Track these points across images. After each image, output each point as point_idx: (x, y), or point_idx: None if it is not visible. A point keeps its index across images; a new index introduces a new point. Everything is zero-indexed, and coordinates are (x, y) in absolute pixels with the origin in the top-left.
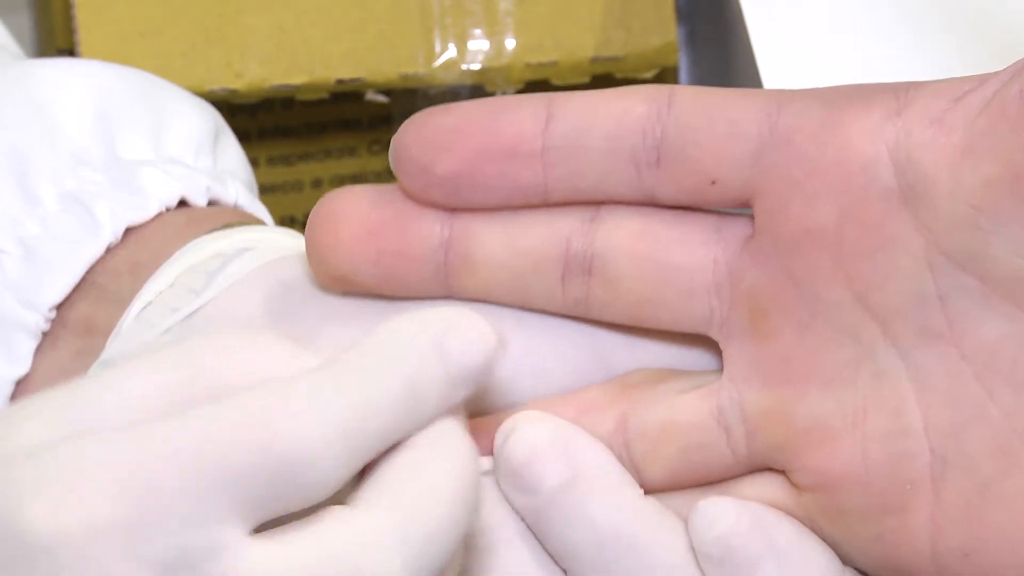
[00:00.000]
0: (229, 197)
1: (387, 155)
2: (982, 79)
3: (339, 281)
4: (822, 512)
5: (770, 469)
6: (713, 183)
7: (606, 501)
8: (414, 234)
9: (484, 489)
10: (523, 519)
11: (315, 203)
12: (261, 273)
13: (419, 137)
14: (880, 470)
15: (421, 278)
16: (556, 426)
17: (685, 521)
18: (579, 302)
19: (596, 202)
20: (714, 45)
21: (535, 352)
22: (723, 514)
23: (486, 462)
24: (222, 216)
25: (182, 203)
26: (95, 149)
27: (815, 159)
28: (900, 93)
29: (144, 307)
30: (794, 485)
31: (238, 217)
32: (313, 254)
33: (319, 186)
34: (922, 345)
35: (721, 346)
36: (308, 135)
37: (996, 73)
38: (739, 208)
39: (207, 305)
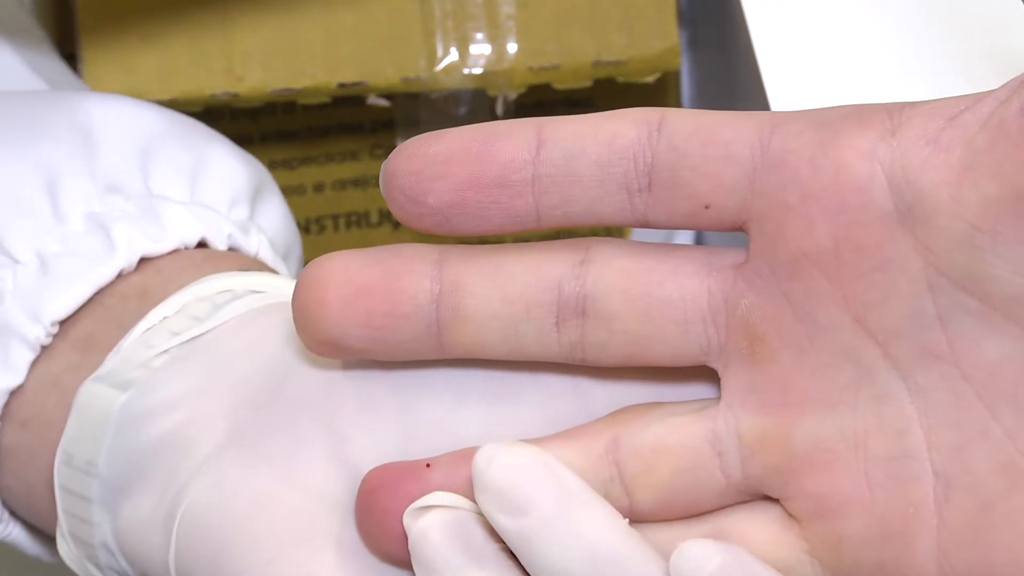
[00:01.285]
0: (250, 247)
1: None
2: (977, 97)
3: (329, 346)
4: (822, 542)
5: (765, 498)
6: (707, 207)
7: (601, 524)
8: (404, 292)
9: (463, 524)
10: (508, 543)
11: (317, 206)
12: (265, 312)
13: (409, 167)
14: (883, 493)
15: (413, 335)
16: (536, 451)
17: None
18: (574, 346)
19: (588, 226)
20: (716, 49)
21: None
22: (708, 558)
23: (445, 497)
24: (239, 261)
25: (202, 244)
26: (130, 181)
27: (810, 182)
28: (894, 113)
29: (147, 329)
30: (791, 515)
31: (255, 266)
32: (301, 320)
33: (321, 190)
34: (922, 366)
35: (719, 374)
36: (310, 139)
37: (991, 91)
38: (733, 231)
39: (206, 334)
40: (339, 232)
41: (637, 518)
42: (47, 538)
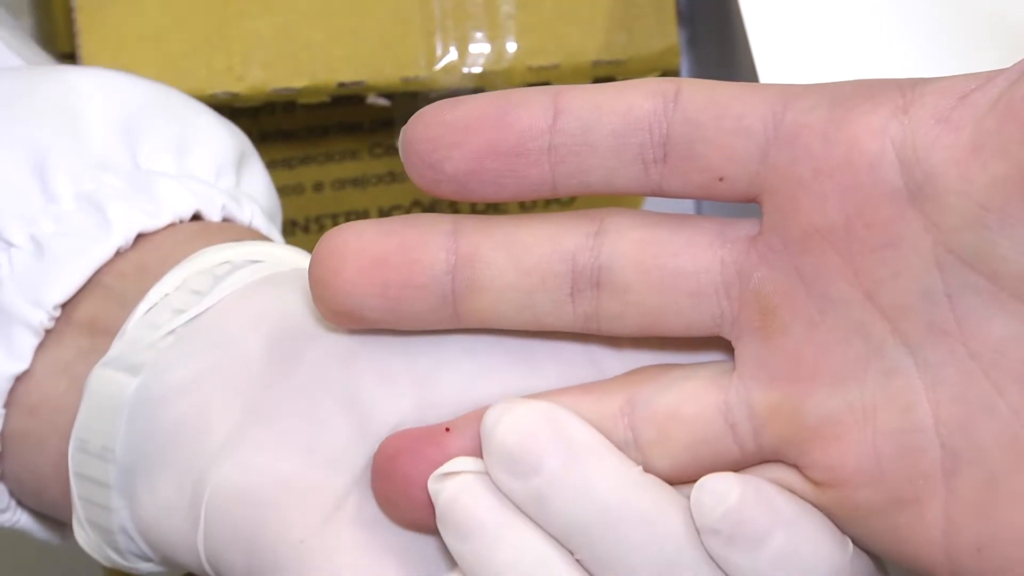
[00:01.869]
0: (244, 217)
1: (388, 158)
2: (988, 76)
3: (345, 316)
4: (835, 506)
5: (780, 462)
6: (721, 179)
7: (611, 475)
8: (419, 263)
9: (470, 486)
10: (518, 505)
11: (316, 206)
12: (267, 283)
13: (427, 134)
14: (892, 465)
15: (429, 307)
16: (545, 406)
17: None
18: (590, 317)
19: (604, 194)
20: (715, 48)
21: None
22: (729, 489)
23: (469, 462)
24: (234, 232)
25: (196, 217)
26: (118, 156)
27: (822, 158)
28: (906, 90)
29: (149, 308)
30: (807, 479)
31: (250, 236)
32: (318, 290)
33: (320, 189)
34: (931, 342)
35: (733, 344)
36: (309, 138)
37: (1002, 71)
38: (747, 203)
39: (210, 310)
40: None
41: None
42: (55, 524)
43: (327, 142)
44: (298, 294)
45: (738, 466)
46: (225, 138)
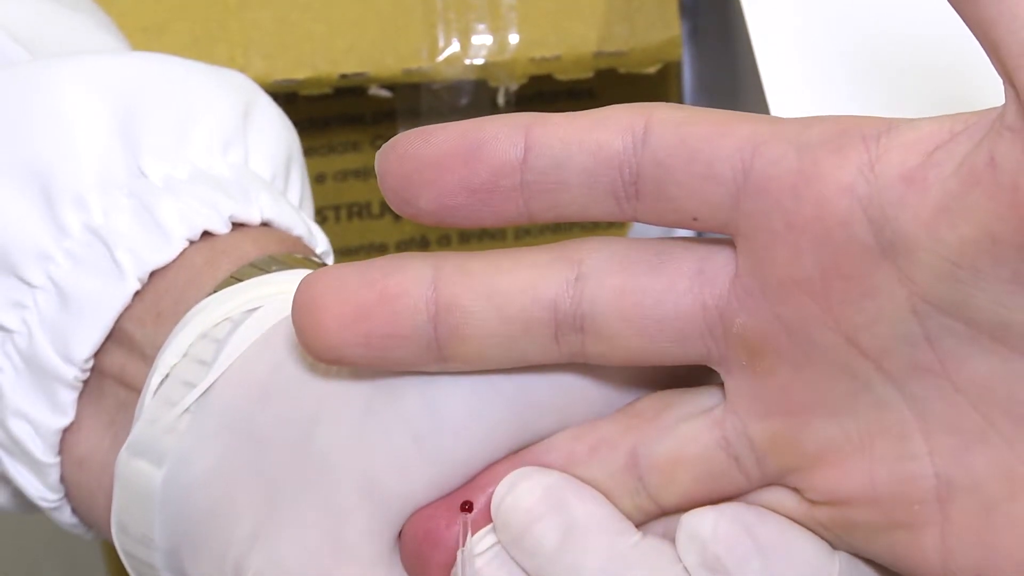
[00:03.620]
0: (252, 217)
1: None
2: (951, 130)
3: (331, 361)
4: (835, 524)
5: (782, 485)
6: (694, 219)
7: (599, 555)
8: (400, 314)
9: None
10: None
11: (319, 197)
12: (265, 345)
13: (400, 169)
14: (888, 490)
15: (414, 354)
16: (549, 482)
17: None
18: (576, 355)
19: (581, 220)
20: (717, 40)
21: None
22: (702, 524)
23: (490, 536)
24: (241, 251)
25: (206, 232)
26: (118, 164)
27: (793, 213)
28: (871, 143)
29: (161, 381)
30: (804, 499)
31: (259, 246)
32: (302, 339)
33: (323, 181)
34: (916, 379)
35: (722, 377)
36: (311, 130)
37: (965, 125)
38: (724, 235)
39: (217, 383)
40: (340, 223)
41: (665, 514)
42: None
43: (329, 133)
44: (296, 357)
45: (746, 490)
46: (224, 103)
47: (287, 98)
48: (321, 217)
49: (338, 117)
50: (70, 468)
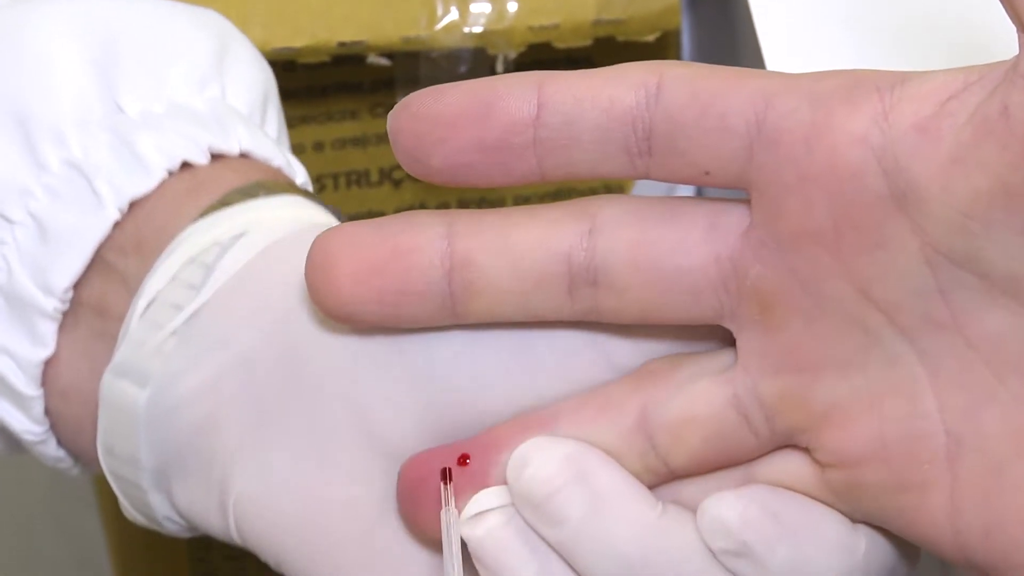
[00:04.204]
0: (232, 147)
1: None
2: (966, 79)
3: (343, 319)
4: (844, 487)
5: (792, 446)
6: (707, 173)
7: (633, 524)
8: (415, 270)
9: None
10: (550, 546)
11: (316, 165)
12: (257, 268)
13: (413, 128)
14: (897, 449)
15: (427, 310)
16: (567, 452)
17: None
18: (589, 311)
19: (592, 179)
20: (716, 7)
21: (526, 345)
22: (728, 510)
23: (494, 496)
24: (223, 179)
25: (186, 163)
26: (95, 101)
27: (806, 164)
28: (884, 92)
29: (148, 305)
30: (816, 462)
31: (240, 175)
32: (315, 296)
33: (320, 149)
34: (928, 334)
35: (734, 334)
36: (309, 98)
37: (979, 76)
38: (737, 190)
39: (207, 305)
40: (339, 191)
41: (675, 477)
42: None
43: (327, 102)
44: (289, 281)
45: (756, 452)
46: (203, 41)
47: (285, 66)
48: (319, 185)
49: (336, 85)
50: (54, 400)
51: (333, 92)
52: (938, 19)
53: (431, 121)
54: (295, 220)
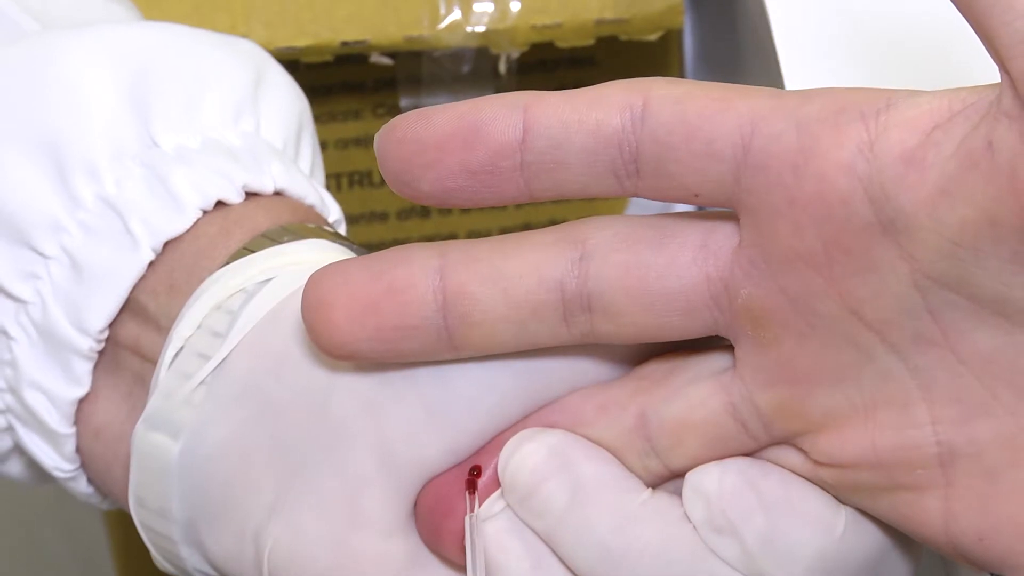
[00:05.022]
0: (266, 186)
1: (391, 118)
2: (951, 109)
3: (343, 356)
4: (839, 484)
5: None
6: (696, 195)
7: (613, 514)
8: (409, 306)
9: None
10: (541, 538)
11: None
12: (279, 317)
13: (400, 152)
14: (890, 456)
15: (425, 344)
16: (553, 442)
17: None
18: (586, 335)
19: (582, 198)
20: (718, 7)
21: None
22: (707, 479)
23: (500, 501)
24: (254, 221)
25: (220, 202)
26: (129, 133)
27: (794, 190)
28: (870, 120)
29: (176, 353)
30: (810, 459)
31: (272, 216)
32: (312, 335)
33: (324, 149)
34: (920, 351)
35: (732, 344)
36: (312, 98)
37: (963, 105)
38: (726, 209)
39: (233, 354)
40: (342, 191)
41: (675, 477)
42: None
43: (330, 101)
44: (292, 341)
45: (754, 452)
46: (238, 70)
47: (288, 66)
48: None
49: (339, 85)
50: (87, 439)
51: (336, 92)
52: (949, 12)
53: (418, 145)
54: (319, 264)
